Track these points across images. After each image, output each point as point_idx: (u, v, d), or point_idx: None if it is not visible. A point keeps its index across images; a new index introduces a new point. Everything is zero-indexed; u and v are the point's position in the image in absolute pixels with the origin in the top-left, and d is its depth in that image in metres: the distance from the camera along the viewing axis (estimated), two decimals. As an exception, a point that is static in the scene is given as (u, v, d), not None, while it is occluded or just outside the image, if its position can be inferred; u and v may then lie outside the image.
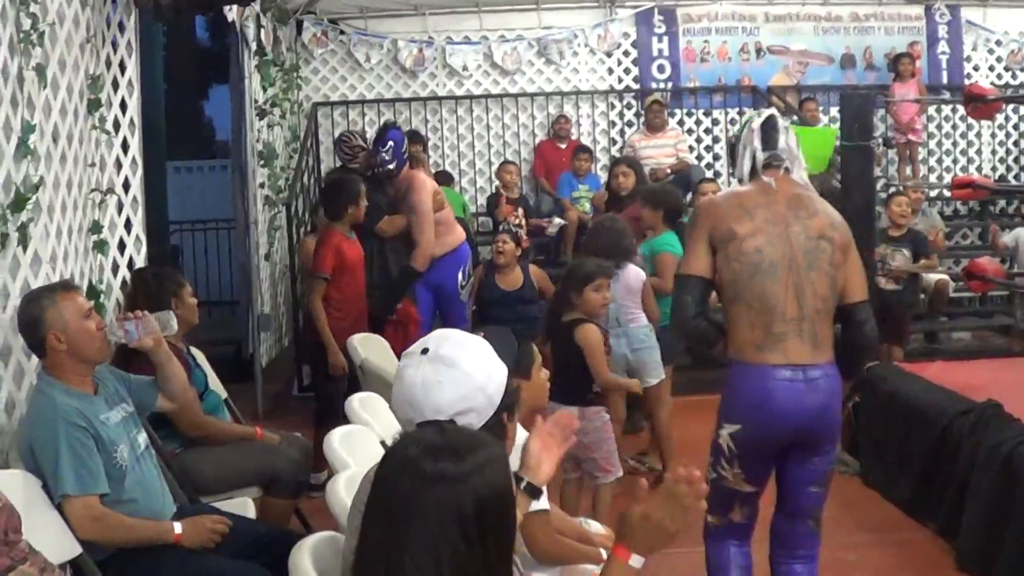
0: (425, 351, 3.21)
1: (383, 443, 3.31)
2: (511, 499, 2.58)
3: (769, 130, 4.93)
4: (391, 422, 4.73)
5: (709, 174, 13.69)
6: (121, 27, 7.47)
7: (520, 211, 12.42)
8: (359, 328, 8.13)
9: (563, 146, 13.77)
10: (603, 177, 12.90)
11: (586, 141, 14.10)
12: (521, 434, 3.75)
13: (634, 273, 7.81)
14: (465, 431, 2.74)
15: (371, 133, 13.33)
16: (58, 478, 4.42)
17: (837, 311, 4.78)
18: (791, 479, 4.80)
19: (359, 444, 4.66)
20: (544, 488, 3.45)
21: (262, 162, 11.52)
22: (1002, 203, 14.64)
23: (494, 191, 12.92)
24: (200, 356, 6.66)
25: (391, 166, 9.15)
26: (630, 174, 10.02)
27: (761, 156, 4.89)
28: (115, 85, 7.37)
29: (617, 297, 7.54)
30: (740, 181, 4.99)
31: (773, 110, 5.22)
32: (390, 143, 9.15)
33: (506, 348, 3.46)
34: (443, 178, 12.86)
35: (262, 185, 11.58)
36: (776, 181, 4.83)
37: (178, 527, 4.69)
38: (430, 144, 13.86)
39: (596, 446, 6.47)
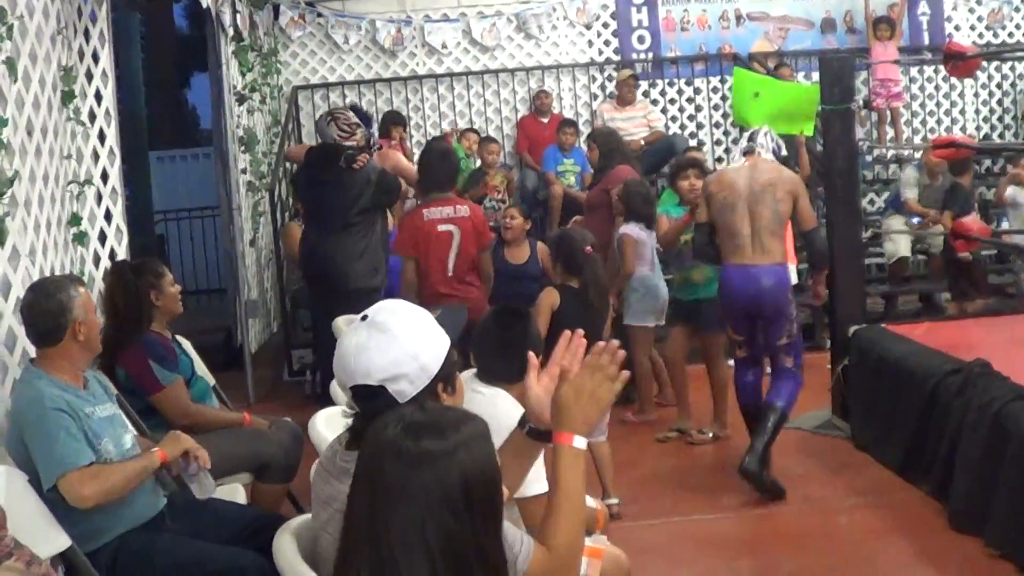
0: (365, 318, 3.21)
1: (344, 411, 3.28)
2: (497, 473, 2.55)
3: (752, 134, 7.72)
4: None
5: (692, 143, 13.71)
6: (93, 17, 7.43)
7: (502, 187, 12.40)
8: None
9: (545, 120, 13.73)
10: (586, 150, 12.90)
11: (568, 115, 14.05)
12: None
13: None
14: (446, 408, 2.71)
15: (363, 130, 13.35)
16: (53, 459, 4.44)
17: (801, 237, 7.79)
18: (765, 338, 7.46)
19: (344, 426, 4.64)
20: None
21: (243, 148, 11.49)
22: (987, 163, 14.62)
23: (476, 168, 12.88)
24: (186, 343, 6.64)
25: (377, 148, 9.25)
26: (594, 148, 10.02)
27: (743, 146, 7.71)
28: (89, 76, 7.35)
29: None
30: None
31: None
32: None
33: (454, 324, 3.44)
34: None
35: (244, 171, 11.55)
36: (748, 160, 7.57)
37: (156, 448, 4.81)
38: (412, 123, 13.84)
39: None
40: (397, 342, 3.12)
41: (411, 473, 2.43)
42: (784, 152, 7.93)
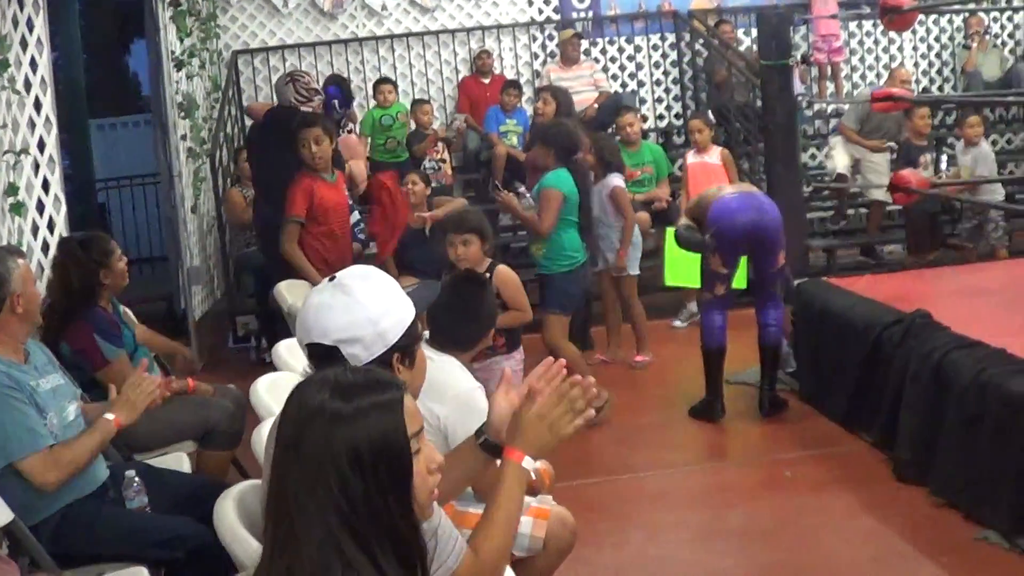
0: (332, 279, 3.23)
1: (303, 371, 3.29)
2: (397, 449, 2.42)
3: None
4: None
5: (637, 99, 13.80)
6: (27, -15, 7.36)
7: (442, 147, 12.40)
8: None
9: (486, 81, 13.67)
10: (529, 110, 12.86)
11: (509, 75, 13.99)
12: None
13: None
14: (374, 372, 2.65)
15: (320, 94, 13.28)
16: (6, 442, 4.40)
17: None
18: (762, 265, 7.71)
19: (287, 392, 4.61)
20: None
21: (183, 114, 11.40)
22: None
23: (414, 131, 12.80)
24: (128, 313, 6.61)
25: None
26: (551, 103, 10.00)
27: None
28: (24, 44, 7.27)
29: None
30: None
31: None
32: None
33: (423, 299, 3.44)
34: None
35: (184, 137, 11.45)
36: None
37: (110, 416, 4.71)
38: (353, 86, 13.74)
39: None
40: (359, 305, 3.14)
41: (304, 429, 2.37)
42: None
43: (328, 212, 8.28)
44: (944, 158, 10.87)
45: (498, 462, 3.20)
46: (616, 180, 9.18)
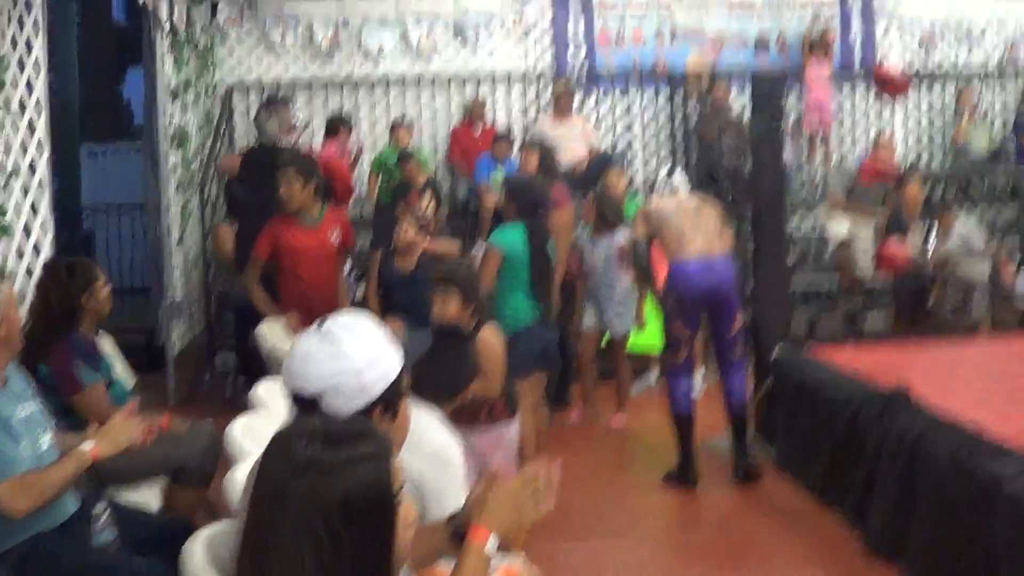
0: (321, 324, 3.21)
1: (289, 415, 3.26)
2: (386, 500, 2.45)
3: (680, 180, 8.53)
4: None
5: (627, 157, 13.99)
6: (28, 6, 7.35)
7: (429, 196, 12.38)
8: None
9: (477, 134, 13.70)
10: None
11: (502, 124, 14.05)
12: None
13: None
14: (357, 422, 2.65)
15: (297, 119, 13.31)
16: None
17: None
18: (719, 328, 7.86)
19: (263, 433, 4.58)
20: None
21: (176, 145, 11.39)
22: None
23: (402, 182, 12.73)
24: (108, 343, 6.57)
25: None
26: (532, 154, 10.02)
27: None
28: (21, 65, 7.26)
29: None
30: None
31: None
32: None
33: (413, 352, 3.41)
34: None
35: (174, 169, 11.44)
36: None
37: (88, 445, 4.66)
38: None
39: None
40: (343, 356, 3.11)
41: (291, 479, 2.38)
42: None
43: (296, 256, 8.09)
44: (935, 229, 10.88)
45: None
46: (624, 237, 9.14)
